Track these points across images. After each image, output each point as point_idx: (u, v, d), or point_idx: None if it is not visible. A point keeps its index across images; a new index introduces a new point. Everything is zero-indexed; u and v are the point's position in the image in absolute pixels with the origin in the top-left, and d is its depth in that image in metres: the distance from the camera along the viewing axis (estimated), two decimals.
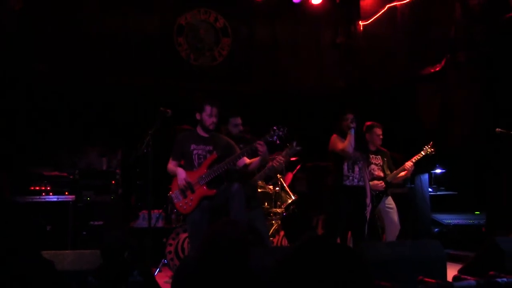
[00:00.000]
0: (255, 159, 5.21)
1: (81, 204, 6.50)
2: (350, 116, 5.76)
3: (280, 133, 4.86)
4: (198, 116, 5.24)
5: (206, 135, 5.27)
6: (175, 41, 8.81)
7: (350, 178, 5.81)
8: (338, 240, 5.89)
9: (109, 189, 6.78)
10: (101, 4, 8.29)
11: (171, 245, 6.24)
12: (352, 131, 5.66)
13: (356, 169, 5.83)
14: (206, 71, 8.90)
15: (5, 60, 7.35)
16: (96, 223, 6.48)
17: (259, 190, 6.26)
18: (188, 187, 5.06)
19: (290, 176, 7.37)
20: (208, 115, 5.17)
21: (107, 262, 3.69)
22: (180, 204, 5.11)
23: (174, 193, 5.15)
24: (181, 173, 5.10)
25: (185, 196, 5.08)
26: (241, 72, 9.05)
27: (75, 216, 6.38)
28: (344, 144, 5.71)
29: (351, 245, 5.86)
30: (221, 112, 5.28)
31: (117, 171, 7.06)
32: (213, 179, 5.06)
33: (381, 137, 6.43)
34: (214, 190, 5.06)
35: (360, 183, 5.83)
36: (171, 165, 5.28)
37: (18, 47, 7.61)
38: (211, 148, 5.20)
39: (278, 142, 4.92)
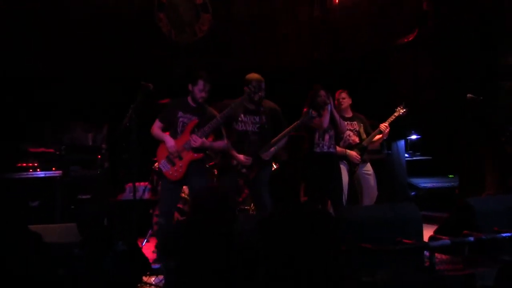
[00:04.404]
0: None
1: (68, 179, 6.39)
2: (322, 93, 5.70)
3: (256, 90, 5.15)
4: (190, 87, 5.19)
5: (194, 105, 5.23)
6: (156, 17, 8.66)
7: (320, 145, 5.77)
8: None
9: (96, 164, 6.70)
10: None
11: (157, 216, 6.16)
12: (329, 107, 5.63)
13: (327, 137, 5.79)
14: (188, 47, 8.78)
15: None
16: (83, 197, 6.41)
17: None
18: (176, 155, 5.06)
19: None
20: (200, 90, 5.13)
21: (84, 235, 3.69)
22: (170, 172, 5.10)
23: (161, 163, 5.13)
24: (170, 141, 5.09)
25: (173, 164, 5.08)
26: (221, 47, 8.93)
27: (62, 191, 6.26)
28: (320, 119, 5.66)
29: (331, 209, 5.85)
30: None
31: (103, 146, 6.98)
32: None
33: (346, 99, 6.39)
34: (202, 154, 5.11)
35: (331, 150, 5.82)
36: (156, 128, 5.23)
37: None
38: (196, 118, 5.17)
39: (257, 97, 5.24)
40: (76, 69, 7.75)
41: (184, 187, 5.60)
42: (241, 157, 5.30)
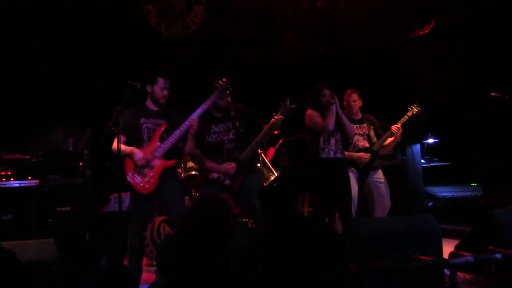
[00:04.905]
0: None
1: (46, 189, 6.35)
2: (327, 92, 5.69)
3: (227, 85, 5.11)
4: (149, 89, 5.21)
5: (156, 109, 5.24)
6: (144, 10, 8.62)
7: (326, 150, 5.76)
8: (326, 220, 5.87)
9: (77, 172, 6.65)
10: None
11: (146, 229, 6.11)
12: (334, 108, 5.59)
13: (333, 141, 5.77)
14: (179, 41, 8.76)
15: None
16: (63, 209, 6.36)
17: None
18: (146, 165, 5.03)
19: (272, 151, 7.28)
20: (161, 88, 5.17)
21: (63, 251, 3.65)
22: (141, 185, 5.04)
23: (129, 176, 5.06)
24: (138, 153, 5.04)
25: (143, 175, 5.04)
26: (216, 41, 8.92)
27: (39, 202, 6.23)
28: (325, 121, 5.66)
29: (339, 223, 5.82)
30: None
31: (85, 151, 6.95)
32: (168, 150, 5.09)
33: (357, 102, 6.38)
34: (174, 160, 5.12)
35: (338, 155, 5.79)
36: (121, 144, 5.06)
37: None
38: (162, 122, 5.17)
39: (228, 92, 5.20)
40: (56, 67, 7.73)
41: None
42: (224, 166, 5.26)
